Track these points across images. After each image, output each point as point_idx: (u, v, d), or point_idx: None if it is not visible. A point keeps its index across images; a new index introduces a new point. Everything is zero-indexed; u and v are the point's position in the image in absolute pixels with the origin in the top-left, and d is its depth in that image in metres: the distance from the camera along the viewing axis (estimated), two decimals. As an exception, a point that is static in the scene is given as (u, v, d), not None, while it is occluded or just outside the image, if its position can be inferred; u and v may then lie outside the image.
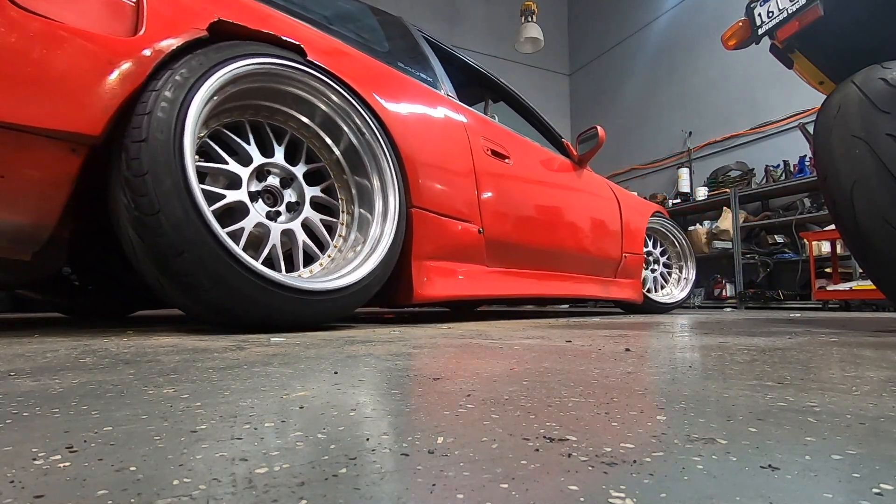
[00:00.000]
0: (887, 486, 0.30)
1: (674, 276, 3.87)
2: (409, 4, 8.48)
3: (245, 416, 0.47)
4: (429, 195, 1.85)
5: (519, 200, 2.40)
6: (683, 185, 6.78)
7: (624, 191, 3.45)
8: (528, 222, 2.45)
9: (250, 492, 0.29)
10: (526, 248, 2.43)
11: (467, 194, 2.06)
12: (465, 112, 2.22)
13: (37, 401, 0.54)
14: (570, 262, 2.78)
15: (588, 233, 2.90)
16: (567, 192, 2.84)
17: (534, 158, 2.63)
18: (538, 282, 2.54)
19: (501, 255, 2.26)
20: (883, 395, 0.57)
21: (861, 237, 1.43)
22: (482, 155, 2.17)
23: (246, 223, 1.41)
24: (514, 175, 2.38)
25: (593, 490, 0.30)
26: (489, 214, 2.16)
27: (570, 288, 2.79)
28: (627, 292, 3.28)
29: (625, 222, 3.24)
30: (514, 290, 2.36)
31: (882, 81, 1.41)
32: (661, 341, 1.22)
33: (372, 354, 0.95)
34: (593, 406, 0.52)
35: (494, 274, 2.23)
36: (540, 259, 2.55)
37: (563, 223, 2.71)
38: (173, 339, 1.25)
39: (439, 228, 1.90)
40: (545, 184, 2.65)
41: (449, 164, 2.00)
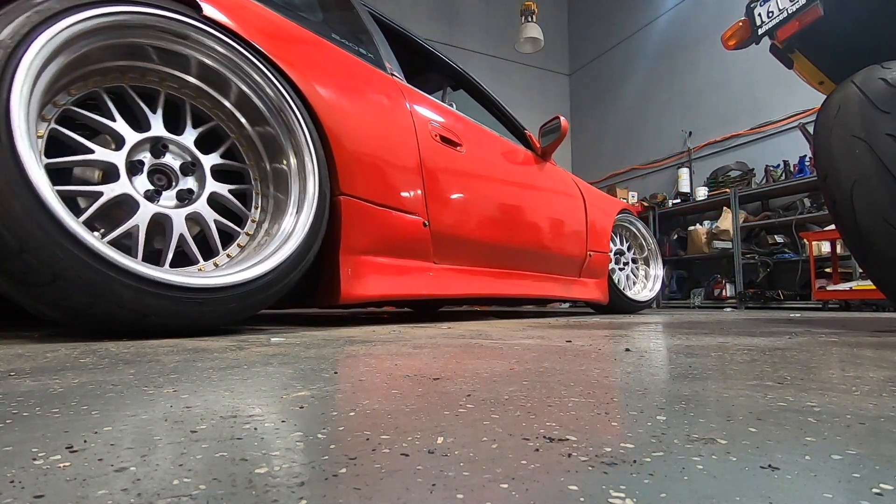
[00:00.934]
0: (887, 486, 0.30)
1: (641, 275, 3.79)
2: (410, 4, 8.48)
3: (245, 416, 0.47)
4: (362, 182, 1.65)
5: (472, 192, 2.22)
6: (683, 185, 6.78)
7: (590, 186, 3.33)
8: (483, 216, 2.28)
9: (250, 492, 0.29)
10: (480, 243, 2.25)
11: (410, 183, 1.86)
12: (412, 94, 2.03)
13: (37, 401, 0.54)
14: (530, 259, 2.62)
15: (550, 229, 2.75)
16: (527, 185, 2.66)
17: (491, 148, 2.45)
18: (494, 281, 2.37)
19: (451, 251, 2.09)
20: (883, 395, 0.57)
21: (861, 237, 1.43)
22: (430, 141, 1.97)
23: (137, 220, 1.22)
24: (467, 164, 2.20)
25: (593, 490, 0.30)
26: (437, 206, 1.97)
27: (531, 287, 2.63)
28: (592, 292, 3.14)
29: (590, 219, 3.10)
30: (466, 289, 2.18)
31: (882, 81, 1.41)
32: (661, 341, 1.22)
33: (372, 354, 0.95)
34: (593, 406, 0.52)
35: (443, 272, 2.05)
36: (496, 256, 2.39)
37: (522, 218, 2.54)
38: (173, 339, 1.25)
39: (375, 220, 1.70)
40: (503, 175, 2.48)
41: (388, 149, 1.79)
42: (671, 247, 6.67)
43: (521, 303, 3.63)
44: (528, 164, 2.71)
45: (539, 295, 2.69)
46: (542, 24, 7.50)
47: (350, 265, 1.61)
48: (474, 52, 8.93)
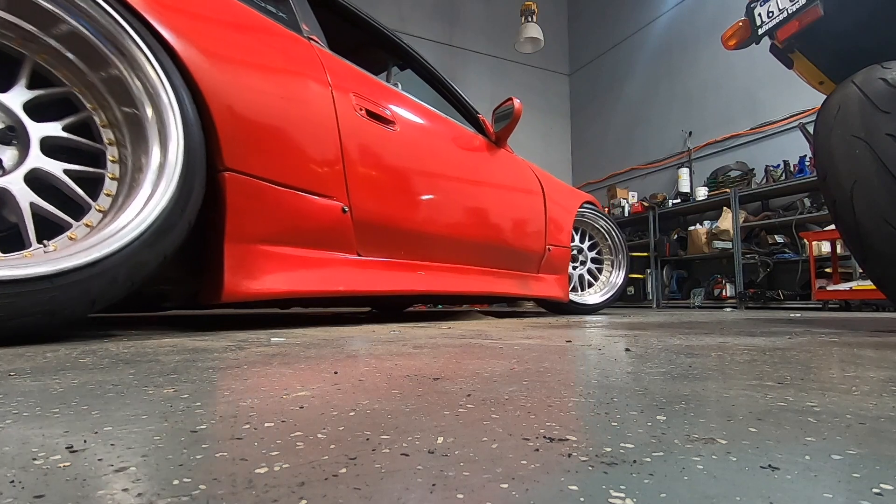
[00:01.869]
0: (887, 486, 0.30)
1: (604, 273, 3.48)
2: (410, 4, 8.48)
3: (245, 416, 0.47)
4: (257, 156, 1.42)
5: (409, 176, 1.99)
6: (683, 185, 6.78)
7: (550, 176, 3.12)
8: (422, 204, 2.05)
9: (250, 492, 0.29)
10: (418, 234, 2.03)
11: (325, 162, 1.62)
12: (333, 62, 1.79)
13: (37, 401, 0.54)
14: (481, 253, 2.40)
15: (503, 220, 2.53)
16: (477, 172, 2.44)
17: (433, 129, 2.22)
18: (436, 276, 2.14)
19: (382, 242, 1.87)
20: (883, 395, 0.57)
21: (861, 237, 1.43)
22: (353, 115, 1.74)
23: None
24: (402, 145, 1.96)
25: (593, 490, 0.30)
26: (362, 190, 1.75)
27: (482, 284, 2.40)
28: (552, 289, 2.91)
29: (550, 211, 2.87)
30: (400, 285, 1.94)
31: (882, 81, 1.41)
32: (662, 341, 1.22)
33: (372, 354, 0.95)
34: (593, 406, 0.52)
35: (371, 265, 1.82)
36: (439, 249, 2.16)
37: (470, 207, 2.33)
38: (173, 339, 1.25)
39: (275, 202, 1.47)
40: (447, 159, 2.25)
41: (294, 121, 1.55)
42: (671, 247, 6.67)
43: (472, 300, 3.29)
44: (479, 149, 2.49)
45: (491, 292, 2.47)
46: (542, 24, 7.50)
47: (238, 256, 1.37)
48: (474, 52, 8.93)
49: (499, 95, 9.49)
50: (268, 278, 1.45)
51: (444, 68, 9.28)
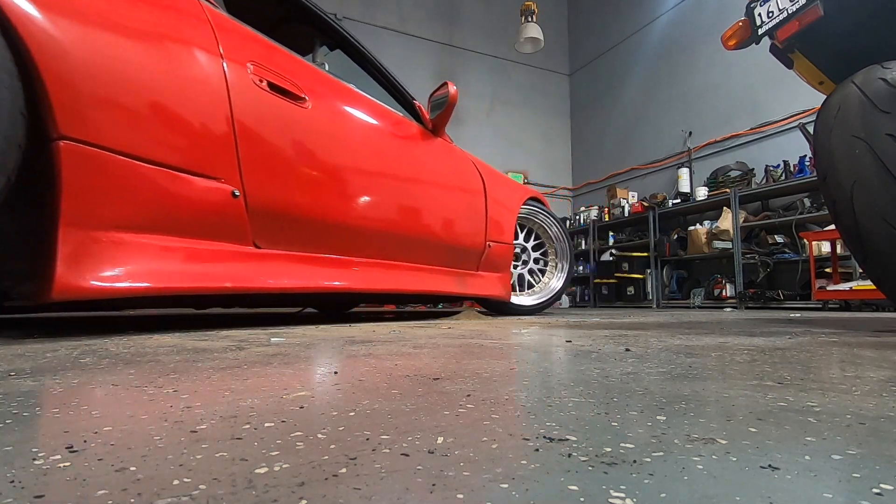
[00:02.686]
0: (887, 486, 0.30)
1: (546, 276, 3.29)
2: (410, 4, 8.48)
3: (245, 416, 0.47)
4: (107, 125, 1.19)
5: (322, 159, 1.78)
6: (683, 185, 6.78)
7: (492, 169, 2.96)
8: (341, 191, 1.86)
9: (250, 492, 0.29)
10: (336, 226, 1.84)
11: (207, 137, 1.42)
12: (227, 25, 1.58)
13: (37, 401, 0.54)
14: (413, 248, 2.23)
15: (439, 213, 2.36)
16: (409, 161, 2.26)
17: (355, 110, 2.02)
18: (359, 273, 1.95)
19: (287, 234, 1.68)
20: (883, 395, 0.57)
21: (861, 237, 1.43)
22: (250, 87, 1.54)
23: None
24: (314, 124, 1.76)
25: (593, 490, 0.30)
26: (259, 172, 1.55)
27: (413, 282, 2.21)
28: (492, 287, 2.73)
29: (491, 205, 2.70)
30: (310, 281, 1.73)
31: (882, 81, 1.41)
32: (662, 341, 1.22)
33: (372, 354, 0.95)
34: (593, 406, 0.52)
35: (271, 259, 1.62)
36: (363, 243, 1.98)
37: (400, 197, 2.15)
38: (173, 339, 1.25)
39: (135, 181, 1.25)
40: (372, 144, 2.06)
41: (163, 85, 1.32)
42: (671, 247, 6.67)
43: (401, 300, 2.98)
44: (412, 137, 2.31)
45: (424, 290, 2.28)
46: (542, 24, 7.50)
47: (77, 244, 1.15)
48: (474, 52, 8.93)
49: (499, 95, 9.49)
50: (122, 272, 1.23)
51: (444, 68, 9.29)
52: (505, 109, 9.11)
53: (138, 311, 3.09)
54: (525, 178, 9.07)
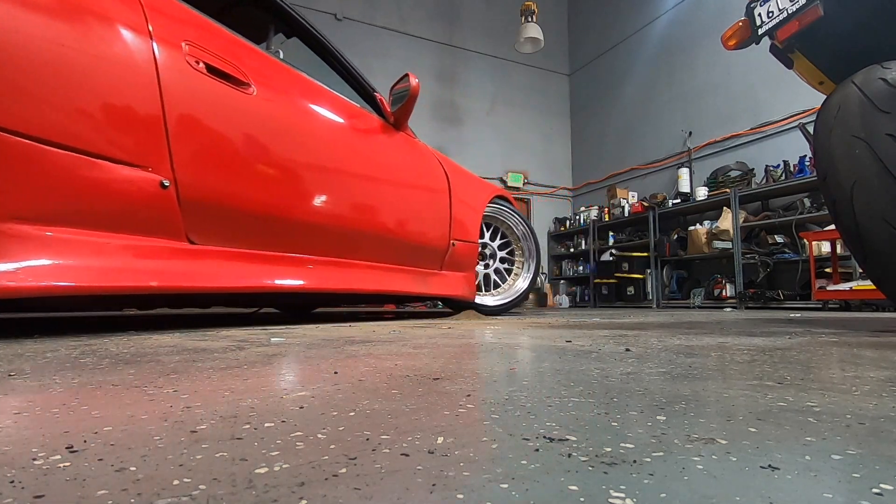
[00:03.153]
0: (887, 486, 0.30)
1: (512, 277, 3.21)
2: (410, 4, 8.48)
3: (245, 416, 0.47)
4: (4, 101, 1.10)
5: (270, 149, 1.68)
6: (683, 185, 6.78)
7: (457, 166, 2.86)
8: (291, 184, 1.77)
9: (250, 492, 0.29)
10: (286, 221, 1.74)
11: (131, 120, 1.31)
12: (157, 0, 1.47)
13: (37, 400, 0.54)
14: (372, 246, 2.14)
15: (400, 210, 2.27)
16: (368, 154, 2.15)
17: (308, 99, 1.91)
18: (311, 271, 1.85)
19: (227, 229, 1.57)
20: (883, 395, 0.57)
21: (861, 237, 1.43)
22: (183, 68, 1.43)
23: None
24: (260, 111, 1.65)
25: (593, 490, 0.30)
26: (194, 161, 1.44)
27: (370, 281, 2.12)
28: (456, 287, 2.64)
29: (455, 202, 2.61)
30: (257, 280, 1.64)
31: (882, 81, 1.41)
32: (662, 341, 1.22)
33: (372, 354, 0.95)
34: (593, 406, 0.52)
35: (209, 256, 1.51)
36: (316, 240, 1.88)
37: (358, 192, 2.06)
38: (173, 339, 1.25)
39: (36, 166, 1.15)
40: (327, 135, 1.95)
41: (77, 60, 1.21)
42: (671, 247, 6.67)
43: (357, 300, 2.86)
44: (371, 130, 2.21)
45: (382, 290, 2.19)
46: (542, 24, 7.51)
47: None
48: (474, 52, 8.93)
49: (499, 95, 9.50)
50: (19, 268, 1.11)
51: (444, 68, 9.30)
52: (505, 109, 9.11)
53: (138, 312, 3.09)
54: (525, 178, 9.08)
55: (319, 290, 1.87)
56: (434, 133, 8.43)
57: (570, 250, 8.85)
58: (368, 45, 8.06)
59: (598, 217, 8.11)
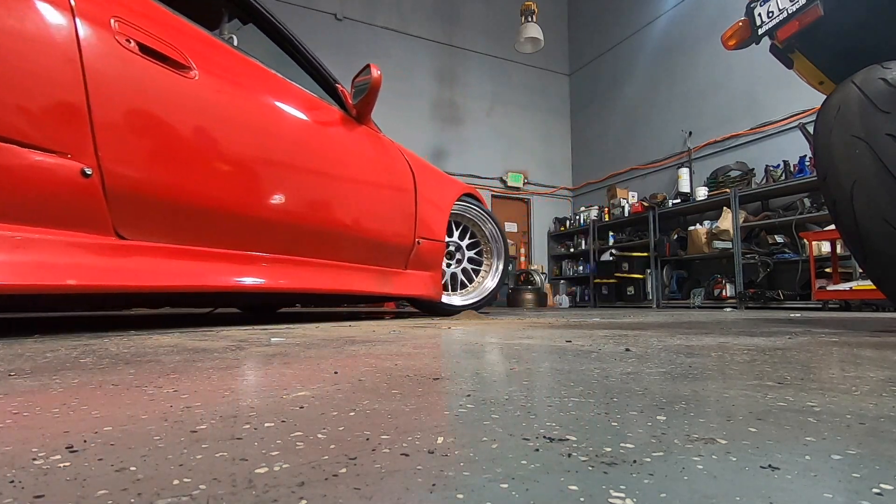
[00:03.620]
0: (887, 486, 0.30)
1: (483, 273, 3.13)
2: (410, 5, 8.48)
3: (245, 416, 0.47)
4: None
5: (214, 138, 1.57)
6: (683, 185, 6.78)
7: (424, 162, 2.77)
8: (239, 176, 1.65)
9: (250, 492, 0.29)
10: (232, 216, 1.64)
11: (47, 102, 1.20)
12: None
13: (37, 400, 0.54)
14: (329, 244, 2.05)
15: (361, 206, 2.18)
16: (325, 147, 2.04)
17: (261, 88, 1.81)
18: (261, 269, 1.75)
19: (161, 223, 1.46)
20: (883, 395, 0.57)
21: (861, 237, 1.43)
22: (112, 46, 1.32)
23: None
24: (200, 97, 1.54)
25: (593, 490, 0.30)
26: (122, 148, 1.33)
27: (327, 280, 2.02)
28: (421, 287, 2.56)
29: (421, 199, 2.53)
30: (195, 279, 1.52)
31: (882, 81, 1.41)
32: (662, 341, 1.22)
33: (372, 354, 0.95)
34: (593, 406, 0.52)
35: (140, 252, 1.39)
36: (266, 236, 1.78)
37: (314, 187, 1.96)
38: (173, 339, 1.25)
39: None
40: (279, 127, 1.84)
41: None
42: (671, 247, 6.68)
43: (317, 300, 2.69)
44: (330, 123, 2.11)
45: (341, 290, 2.09)
46: (542, 24, 7.51)
47: None
48: (474, 52, 8.94)
49: (499, 95, 9.51)
50: None
51: (443, 68, 9.32)
52: (505, 109, 9.11)
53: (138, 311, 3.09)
54: (525, 178, 9.08)
55: (271, 289, 1.77)
56: (434, 133, 8.44)
57: (570, 250, 8.86)
58: (368, 45, 8.06)
59: (598, 217, 8.11)
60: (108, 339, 1.23)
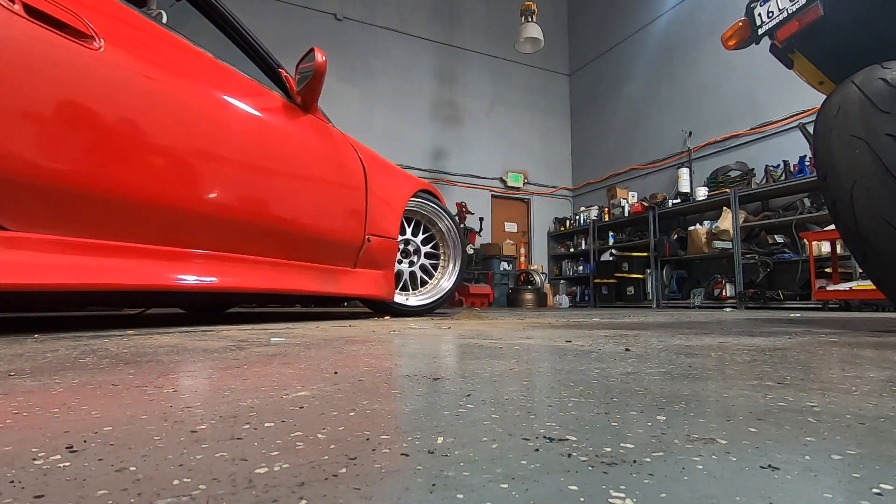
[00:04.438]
0: (887, 486, 0.30)
1: (439, 272, 3.02)
2: (410, 5, 8.48)
3: (245, 416, 0.47)
4: None
5: (122, 119, 1.43)
6: (683, 185, 6.79)
7: (377, 155, 2.63)
8: (151, 163, 1.51)
9: (250, 492, 0.29)
10: (145, 207, 1.49)
11: None
12: None
13: (37, 400, 0.54)
14: (265, 240, 1.90)
15: (302, 199, 2.04)
16: (260, 135, 1.88)
17: (185, 68, 1.65)
18: (180, 266, 1.60)
19: (56, 213, 1.32)
20: (883, 395, 0.57)
21: (861, 237, 1.43)
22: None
23: None
24: (105, 72, 1.38)
25: (593, 490, 0.30)
26: (9, 127, 1.20)
27: (259, 278, 1.87)
28: (371, 286, 2.44)
29: (373, 194, 2.41)
30: (99, 277, 1.38)
31: (882, 81, 1.41)
32: (662, 341, 1.22)
33: (372, 354, 0.95)
34: (593, 406, 0.52)
35: (25, 245, 1.25)
36: (188, 230, 1.63)
37: (247, 178, 1.80)
38: (173, 339, 1.25)
39: None
40: (204, 111, 1.67)
41: None
42: (671, 247, 6.68)
43: (246, 299, 2.52)
44: (269, 110, 1.95)
45: (278, 289, 1.95)
46: (542, 24, 7.51)
47: None
48: (474, 52, 8.94)
49: (499, 95, 9.52)
50: None
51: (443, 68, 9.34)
52: (505, 109, 9.12)
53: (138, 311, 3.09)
54: (525, 178, 9.08)
55: (197, 288, 1.63)
56: (434, 133, 8.44)
57: (570, 250, 8.86)
58: (368, 45, 8.06)
59: (598, 217, 8.11)
60: (108, 339, 1.23)
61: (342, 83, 7.74)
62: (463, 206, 7.84)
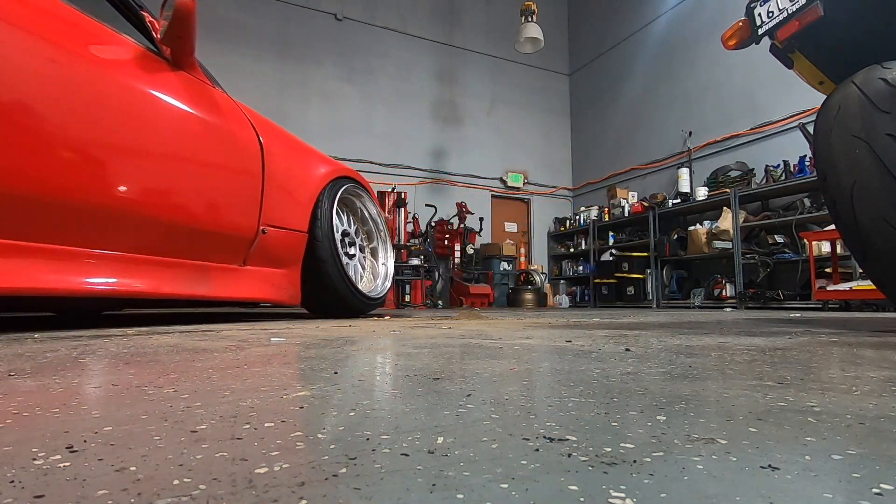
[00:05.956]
0: (887, 486, 0.30)
1: (369, 267, 2.79)
2: (410, 5, 8.48)
3: (245, 416, 0.47)
4: None
5: None
6: (683, 185, 6.79)
7: (281, 130, 2.26)
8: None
9: (250, 492, 0.29)
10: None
11: None
12: None
13: (37, 400, 0.54)
14: (105, 228, 1.51)
15: (163, 178, 1.64)
16: (105, 96, 1.47)
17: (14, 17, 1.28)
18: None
19: None
20: (883, 395, 0.57)
21: (861, 237, 1.43)
22: None
23: None
24: None
25: (593, 490, 0.30)
26: None
27: (92, 275, 1.47)
28: (266, 288, 2.06)
29: (271, 178, 2.04)
30: None
31: (882, 81, 1.41)
32: (662, 341, 1.22)
33: (372, 354, 0.95)
34: (593, 406, 0.52)
35: None
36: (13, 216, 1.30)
37: (85, 149, 1.43)
38: (173, 339, 1.25)
39: None
40: (15, 60, 1.27)
41: None
42: (671, 247, 6.68)
43: (86, 301, 2.12)
44: (122, 63, 1.56)
45: (123, 291, 1.55)
46: (542, 24, 7.51)
47: None
48: (474, 52, 8.94)
49: (498, 95, 9.52)
50: None
51: (443, 68, 9.34)
52: (505, 109, 9.12)
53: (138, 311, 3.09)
54: (525, 178, 9.08)
55: (13, 290, 1.28)
56: (434, 133, 8.44)
57: (570, 250, 8.86)
58: (368, 45, 8.06)
59: (598, 217, 8.11)
60: (108, 339, 1.23)
61: (342, 83, 7.75)
62: (463, 206, 7.84)
